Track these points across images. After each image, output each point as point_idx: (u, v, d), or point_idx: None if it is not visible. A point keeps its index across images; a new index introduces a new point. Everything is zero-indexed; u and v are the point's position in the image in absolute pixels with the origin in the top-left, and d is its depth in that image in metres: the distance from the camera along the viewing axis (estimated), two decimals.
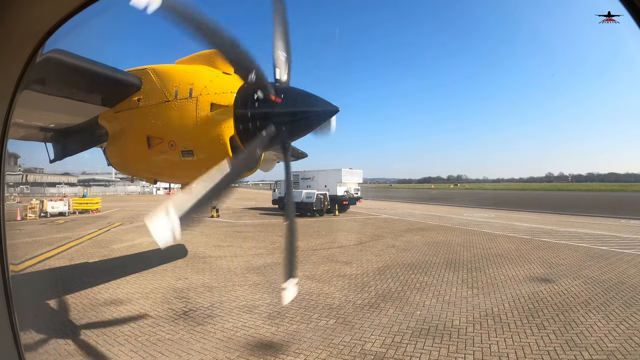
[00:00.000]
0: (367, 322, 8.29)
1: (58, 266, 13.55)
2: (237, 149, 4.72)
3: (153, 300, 9.82)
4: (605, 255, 15.40)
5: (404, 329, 7.90)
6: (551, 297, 9.97)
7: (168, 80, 5.02)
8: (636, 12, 1.37)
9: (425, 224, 27.89)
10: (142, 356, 6.78)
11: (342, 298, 9.94)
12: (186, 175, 5.47)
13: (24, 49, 1.97)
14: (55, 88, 4.97)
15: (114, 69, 5.08)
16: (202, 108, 4.66)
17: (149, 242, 18.81)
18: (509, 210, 41.32)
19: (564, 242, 18.95)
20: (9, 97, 2.03)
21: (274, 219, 30.81)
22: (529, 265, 13.79)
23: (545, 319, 8.41)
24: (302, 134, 4.72)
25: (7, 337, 2.09)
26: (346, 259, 14.92)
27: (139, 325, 8.17)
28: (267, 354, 6.90)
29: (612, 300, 9.64)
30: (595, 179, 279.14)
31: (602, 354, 6.70)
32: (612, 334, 7.56)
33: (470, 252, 16.33)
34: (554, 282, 11.36)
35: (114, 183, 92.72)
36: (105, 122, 5.78)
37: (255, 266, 13.61)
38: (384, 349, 6.99)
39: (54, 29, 1.95)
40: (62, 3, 1.87)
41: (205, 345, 7.22)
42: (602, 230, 23.16)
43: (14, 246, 17.08)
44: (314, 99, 4.45)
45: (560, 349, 6.95)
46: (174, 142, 4.87)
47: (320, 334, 7.70)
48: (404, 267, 13.56)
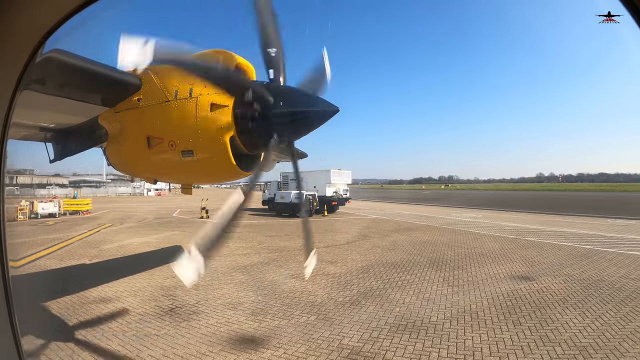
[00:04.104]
0: (347, 318, 8.50)
1: (55, 267, 13.61)
2: (237, 149, 4.72)
3: (141, 297, 10.02)
4: (587, 254, 15.62)
5: (382, 325, 8.10)
6: (530, 294, 10.14)
7: (168, 80, 4.98)
8: (636, 12, 1.38)
9: (412, 224, 28.09)
10: (128, 350, 7.00)
11: (324, 296, 10.14)
12: (186, 175, 5.58)
13: (24, 49, 1.97)
14: (55, 88, 4.89)
15: (114, 69, 5.04)
16: (202, 108, 4.64)
17: (139, 242, 19.05)
18: (497, 210, 41.57)
19: (549, 241, 19.19)
20: (9, 97, 2.04)
21: (263, 220, 30.93)
22: (511, 263, 13.98)
23: (522, 316, 8.58)
24: (302, 134, 4.70)
25: (7, 337, 2.10)
26: (332, 258, 15.10)
27: (126, 321, 8.39)
28: (248, 348, 7.11)
29: (590, 298, 9.84)
30: (586, 179, 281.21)
31: (575, 349, 6.87)
32: (586, 330, 7.75)
33: (455, 252, 16.53)
34: (534, 280, 11.54)
35: (105, 184, 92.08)
36: (105, 122, 5.73)
37: (241, 265, 13.80)
38: (361, 343, 7.20)
39: (54, 29, 1.95)
40: (62, 3, 1.88)
41: (189, 339, 7.44)
42: (587, 230, 23.41)
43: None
44: (314, 99, 4.46)
45: (534, 345, 7.12)
46: (174, 142, 4.83)
47: (301, 329, 7.91)
48: (388, 266, 13.76)
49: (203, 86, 4.71)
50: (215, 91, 4.67)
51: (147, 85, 5.11)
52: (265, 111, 4.48)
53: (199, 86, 4.72)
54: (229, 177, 5.37)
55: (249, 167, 5.04)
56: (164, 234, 22.09)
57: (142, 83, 5.14)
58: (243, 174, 5.02)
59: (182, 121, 4.74)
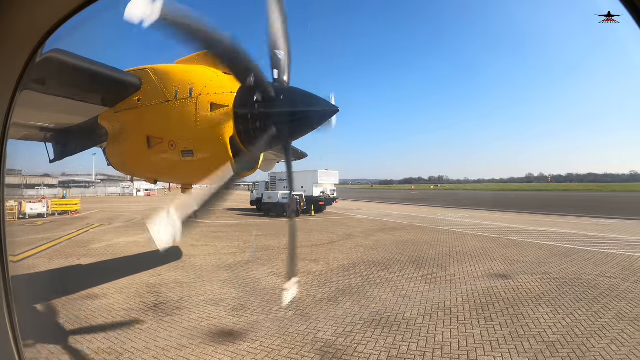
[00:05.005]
0: (324, 314, 8.77)
1: (43, 266, 13.65)
2: (237, 148, 4.71)
3: (127, 294, 10.26)
4: (567, 253, 15.83)
5: (357, 320, 8.37)
6: (505, 292, 10.33)
7: (168, 80, 5.02)
8: (636, 12, 1.39)
9: (398, 223, 28.24)
10: (113, 342, 7.27)
11: (304, 292, 10.39)
12: (186, 175, 5.58)
13: (24, 49, 1.98)
14: (55, 88, 4.95)
15: (113, 69, 5.07)
16: (202, 108, 4.66)
17: (126, 242, 19.12)
18: (484, 210, 41.64)
19: (531, 240, 19.36)
20: (9, 97, 2.04)
21: (250, 220, 31.06)
22: (490, 262, 14.16)
23: (494, 312, 8.77)
24: (302, 134, 4.70)
25: (7, 337, 2.09)
26: (315, 257, 15.28)
27: (112, 316, 8.65)
28: (227, 340, 7.39)
29: (564, 295, 10.01)
30: (575, 179, 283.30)
31: (543, 344, 7.05)
32: (556, 326, 7.92)
33: (436, 251, 16.71)
34: (510, 278, 11.73)
35: (94, 184, 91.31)
36: (105, 122, 5.75)
37: (226, 264, 14.00)
38: (335, 337, 7.49)
39: (54, 29, 1.95)
40: (62, 3, 1.88)
41: (171, 333, 7.72)
42: (570, 229, 23.59)
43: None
44: (314, 99, 4.43)
45: (503, 340, 7.31)
46: (173, 142, 4.86)
47: (278, 324, 8.20)
48: (369, 264, 13.98)
49: (203, 86, 4.75)
50: (215, 91, 4.71)
51: (147, 85, 5.15)
52: (266, 111, 4.49)
53: (199, 86, 4.77)
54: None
55: (249, 166, 5.07)
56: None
57: (142, 83, 5.19)
58: (243, 174, 5.06)
59: (182, 121, 4.77)
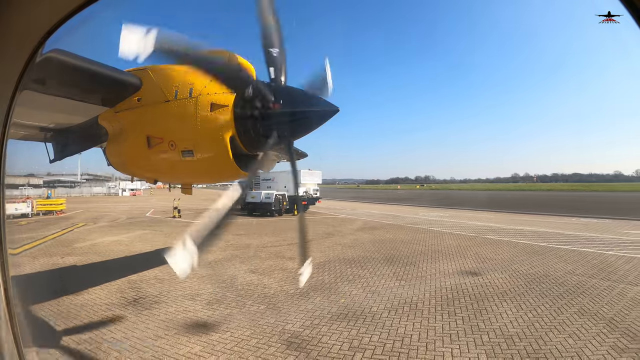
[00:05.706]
0: (294, 307, 9.20)
1: (26, 265, 13.77)
2: (237, 149, 4.78)
3: (108, 290, 10.64)
4: (540, 251, 16.24)
5: (325, 313, 8.80)
6: (472, 288, 10.64)
7: (168, 80, 5.07)
8: (636, 12, 1.39)
9: (379, 223, 28.49)
10: (93, 333, 7.70)
11: (277, 288, 10.80)
12: (186, 175, 5.75)
13: (24, 49, 1.98)
14: (55, 88, 4.97)
15: (114, 69, 5.11)
16: (202, 108, 4.70)
17: (110, 241, 19.31)
18: (466, 209, 42.07)
19: (507, 239, 19.71)
20: (9, 97, 2.04)
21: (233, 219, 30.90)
22: (463, 260, 14.48)
23: (459, 307, 9.10)
24: (302, 134, 4.72)
25: (6, 338, 2.10)
26: (292, 255, 15.53)
27: (93, 310, 9.02)
28: (200, 331, 7.83)
29: (530, 292, 10.32)
30: (560, 179, 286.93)
31: (501, 338, 7.31)
32: (517, 321, 8.18)
33: (411, 249, 17.00)
34: (480, 275, 12.06)
35: (80, 184, 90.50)
36: (105, 122, 5.79)
37: (206, 261, 14.19)
38: (301, 329, 7.93)
39: (54, 29, 1.95)
40: (62, 3, 1.88)
41: (148, 325, 8.14)
42: (547, 228, 24.00)
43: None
44: (314, 99, 4.46)
45: (463, 333, 7.62)
46: (173, 142, 4.90)
47: (250, 316, 8.63)
48: (344, 262, 14.29)
49: (203, 86, 4.79)
50: (215, 91, 4.76)
51: (147, 85, 5.27)
52: (266, 111, 4.52)
53: (199, 86, 4.81)
54: (228, 177, 5.49)
55: (249, 166, 5.09)
56: (135, 233, 22.32)
57: (142, 83, 5.30)
58: (243, 174, 5.07)
59: (182, 121, 4.82)
